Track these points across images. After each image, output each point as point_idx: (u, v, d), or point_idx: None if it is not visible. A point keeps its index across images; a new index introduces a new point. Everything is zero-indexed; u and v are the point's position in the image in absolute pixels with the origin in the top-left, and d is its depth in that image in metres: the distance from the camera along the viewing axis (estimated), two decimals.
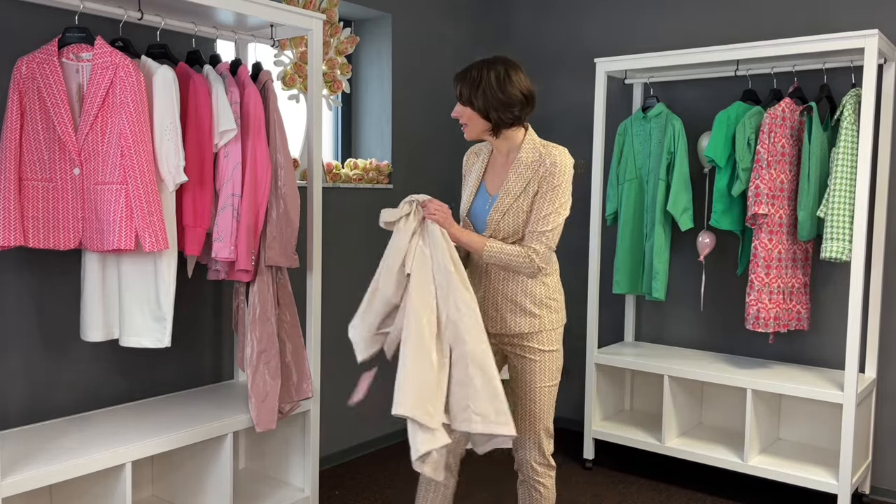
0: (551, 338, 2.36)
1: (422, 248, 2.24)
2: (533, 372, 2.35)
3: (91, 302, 2.52)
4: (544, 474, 2.41)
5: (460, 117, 2.32)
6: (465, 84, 2.27)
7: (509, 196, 2.29)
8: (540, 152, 2.30)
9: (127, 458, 2.39)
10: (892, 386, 3.41)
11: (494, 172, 2.38)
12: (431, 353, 2.15)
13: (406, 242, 2.24)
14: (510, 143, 2.34)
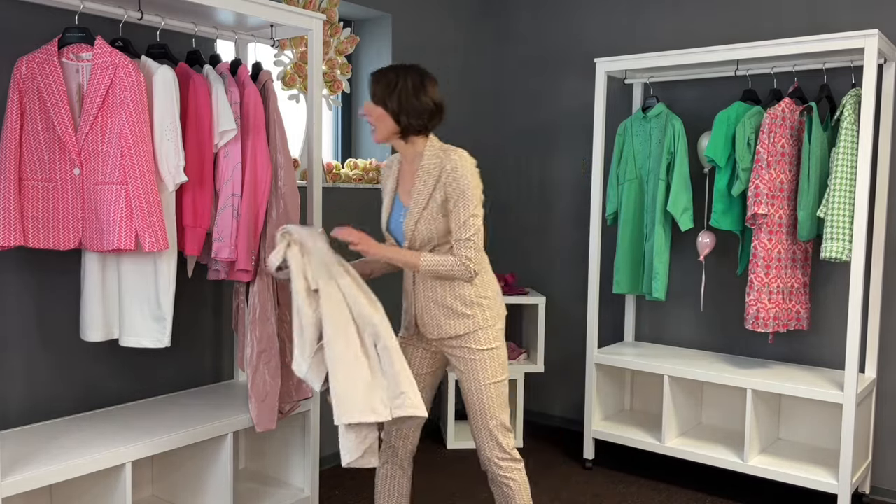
0: (488, 336, 2.39)
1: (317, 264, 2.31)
2: (475, 371, 2.39)
3: (91, 302, 2.52)
4: (509, 468, 2.43)
5: (369, 116, 2.33)
6: (381, 85, 2.30)
7: (418, 205, 2.33)
8: (440, 157, 2.33)
9: (127, 458, 2.39)
10: (892, 386, 3.41)
11: (405, 183, 2.42)
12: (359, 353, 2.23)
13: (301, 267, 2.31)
14: (415, 149, 2.38)
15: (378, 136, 2.35)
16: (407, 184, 2.41)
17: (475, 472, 3.70)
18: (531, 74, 4.47)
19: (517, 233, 4.58)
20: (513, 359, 4.13)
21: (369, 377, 2.21)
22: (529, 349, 4.23)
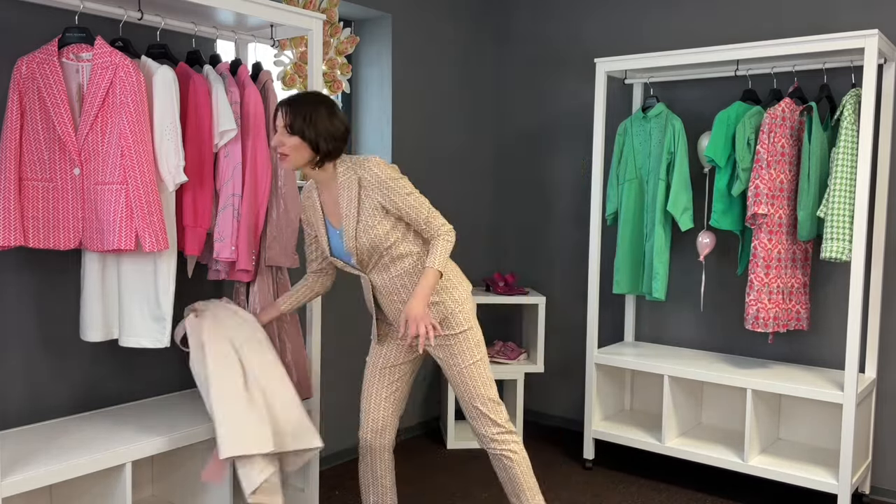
0: (459, 319, 2.47)
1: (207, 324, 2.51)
2: (454, 356, 2.48)
3: (91, 302, 2.52)
4: (505, 441, 2.50)
5: (282, 146, 2.33)
6: (299, 115, 2.30)
7: (350, 220, 2.38)
8: (353, 170, 2.38)
9: (127, 458, 2.39)
10: (892, 386, 3.41)
11: (329, 207, 2.46)
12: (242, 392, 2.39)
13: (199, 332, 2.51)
14: (326, 174, 2.41)
15: (291, 165, 2.36)
16: (330, 209, 2.45)
17: (475, 472, 3.70)
18: (531, 74, 4.47)
19: (517, 233, 4.58)
20: (513, 359, 4.13)
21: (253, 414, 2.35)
22: (529, 349, 4.23)
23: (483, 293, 4.12)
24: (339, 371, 3.79)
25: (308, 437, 2.48)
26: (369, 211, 2.36)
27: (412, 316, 2.28)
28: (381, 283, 2.45)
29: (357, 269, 2.47)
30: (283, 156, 2.35)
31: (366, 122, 4.08)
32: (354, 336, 3.86)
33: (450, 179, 4.38)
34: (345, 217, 2.38)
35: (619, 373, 3.99)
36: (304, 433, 2.48)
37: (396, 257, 2.42)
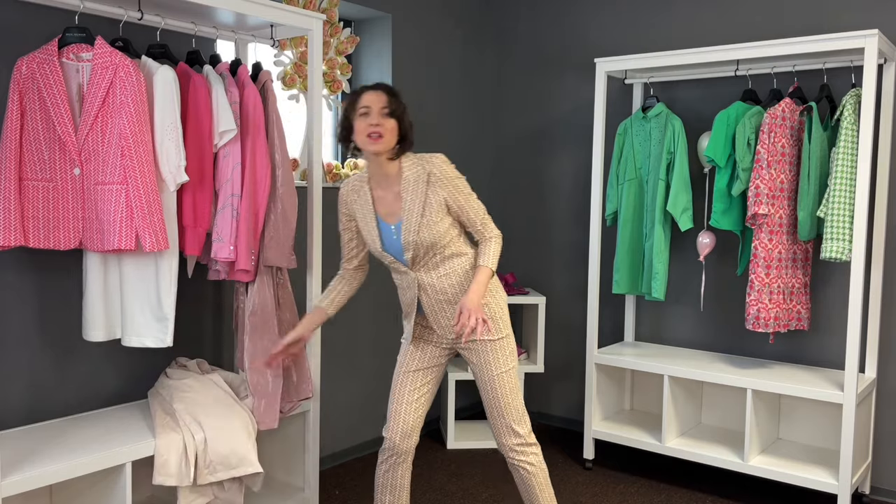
0: (500, 325, 2.47)
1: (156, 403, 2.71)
2: (488, 362, 2.46)
3: (93, 302, 2.52)
4: (525, 453, 2.49)
5: (381, 126, 2.33)
6: (397, 101, 2.37)
7: (413, 215, 2.37)
8: (420, 165, 2.40)
9: (127, 458, 2.39)
10: (892, 386, 3.41)
11: (383, 203, 2.44)
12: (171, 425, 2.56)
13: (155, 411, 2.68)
14: (386, 170, 2.41)
15: (383, 146, 2.34)
16: (386, 204, 2.43)
17: (475, 472, 3.70)
18: (531, 74, 4.47)
19: (517, 233, 4.58)
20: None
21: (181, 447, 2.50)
22: (529, 349, 4.23)
23: None
24: (338, 371, 3.79)
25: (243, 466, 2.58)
26: (434, 207, 2.38)
27: (469, 307, 2.27)
28: (429, 281, 2.43)
29: (406, 266, 2.44)
30: (378, 136, 2.32)
31: None
32: (354, 336, 3.86)
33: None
34: (406, 211, 2.37)
35: (619, 373, 3.99)
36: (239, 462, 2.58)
37: (448, 256, 2.43)
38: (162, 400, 2.69)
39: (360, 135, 2.34)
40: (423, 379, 2.55)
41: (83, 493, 2.53)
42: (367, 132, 2.32)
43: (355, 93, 2.38)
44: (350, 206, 2.50)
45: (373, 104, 2.34)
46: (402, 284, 2.48)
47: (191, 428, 2.53)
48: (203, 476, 2.51)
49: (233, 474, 2.56)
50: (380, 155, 2.37)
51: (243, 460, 2.57)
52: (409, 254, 2.40)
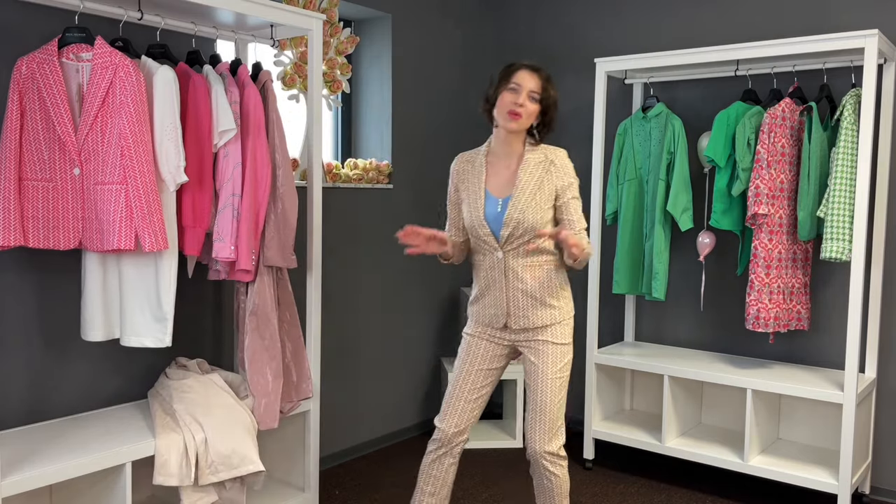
0: (565, 331, 2.49)
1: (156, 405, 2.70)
2: (546, 364, 2.46)
3: (92, 302, 2.52)
4: (555, 463, 2.48)
5: (523, 108, 2.37)
6: (549, 88, 2.41)
7: (525, 194, 2.41)
8: (545, 153, 2.46)
9: (127, 458, 2.39)
10: (892, 386, 3.41)
11: (496, 177, 2.48)
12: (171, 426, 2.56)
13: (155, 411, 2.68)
14: (516, 145, 2.47)
15: (518, 126, 2.40)
16: (499, 179, 2.47)
17: (475, 472, 3.70)
18: None
19: None
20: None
21: (181, 447, 2.49)
22: None
23: None
24: (338, 371, 3.79)
25: (245, 465, 2.58)
26: (546, 194, 2.42)
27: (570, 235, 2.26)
28: (513, 265, 2.44)
29: (498, 243, 2.45)
30: (518, 116, 2.37)
31: (366, 122, 4.08)
32: (354, 336, 3.86)
33: (449, 179, 4.37)
34: (519, 190, 2.41)
35: (619, 373, 3.99)
36: (241, 461, 2.58)
37: (537, 249, 2.43)
38: (162, 400, 2.69)
39: (501, 108, 2.39)
40: (485, 380, 2.55)
41: (83, 493, 2.53)
42: (508, 108, 2.37)
43: (512, 65, 2.42)
44: (460, 176, 2.54)
45: (524, 83, 2.38)
46: (484, 265, 2.49)
47: (191, 428, 2.53)
48: (205, 476, 2.51)
49: (235, 474, 2.55)
50: (511, 133, 2.43)
51: (245, 459, 2.57)
52: (507, 230, 2.41)
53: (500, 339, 2.54)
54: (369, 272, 3.92)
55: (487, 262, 2.49)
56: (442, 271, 4.37)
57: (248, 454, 2.58)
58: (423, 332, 4.28)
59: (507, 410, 4.30)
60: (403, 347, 4.15)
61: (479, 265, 2.52)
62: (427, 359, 4.32)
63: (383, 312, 4.02)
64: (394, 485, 3.54)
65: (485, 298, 2.51)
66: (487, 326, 2.54)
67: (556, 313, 2.48)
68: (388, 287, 4.03)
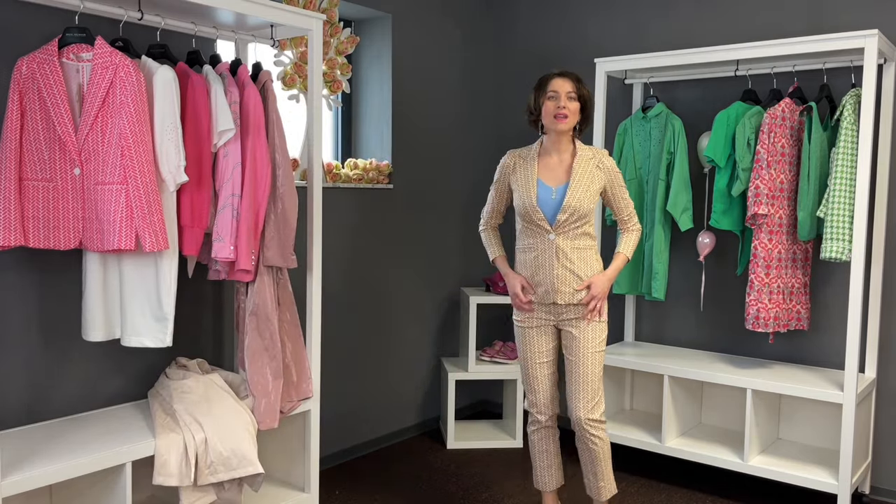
0: (603, 309, 2.83)
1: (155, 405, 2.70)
2: (588, 339, 2.80)
3: (92, 302, 2.52)
4: (597, 428, 2.82)
5: (566, 109, 2.74)
6: (581, 85, 2.79)
7: (581, 185, 2.77)
8: (593, 153, 2.84)
9: (127, 458, 2.39)
10: (892, 386, 3.41)
11: (550, 170, 2.83)
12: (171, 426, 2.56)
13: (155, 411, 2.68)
14: (567, 143, 2.84)
15: (566, 127, 2.77)
16: (553, 171, 2.83)
17: (475, 472, 3.70)
18: (531, 74, 4.47)
19: None
20: (512, 358, 4.13)
21: (181, 447, 2.50)
22: None
23: (483, 293, 4.12)
24: (338, 371, 3.79)
25: (244, 466, 2.58)
26: (597, 186, 2.80)
27: (599, 291, 2.78)
28: (564, 247, 2.78)
29: (551, 226, 2.78)
30: (564, 117, 2.74)
31: (366, 122, 4.08)
32: (354, 336, 3.86)
33: (450, 179, 4.38)
34: (576, 180, 2.77)
35: (619, 373, 3.99)
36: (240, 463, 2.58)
37: (582, 234, 2.80)
38: (162, 400, 2.69)
39: (547, 115, 2.77)
40: (550, 357, 2.91)
41: (83, 493, 2.53)
42: (554, 113, 2.75)
43: (545, 78, 2.80)
44: (511, 168, 2.89)
45: (560, 89, 2.75)
46: (535, 247, 2.82)
47: (191, 428, 2.53)
48: (204, 476, 2.51)
49: (234, 475, 2.55)
50: (562, 133, 2.79)
51: (244, 460, 2.57)
52: (563, 215, 2.75)
53: (546, 321, 2.86)
54: (369, 272, 3.92)
55: (541, 245, 2.81)
56: (442, 271, 4.37)
57: (247, 455, 2.58)
58: (423, 332, 4.28)
59: (507, 410, 4.30)
60: (403, 347, 4.15)
61: (528, 248, 2.84)
62: (427, 359, 4.32)
63: (383, 312, 4.02)
64: (394, 485, 3.54)
65: (534, 279, 2.83)
66: (537, 306, 2.85)
67: None
68: (388, 287, 4.03)
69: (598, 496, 2.91)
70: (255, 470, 2.58)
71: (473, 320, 4.03)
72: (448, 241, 4.40)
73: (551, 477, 3.01)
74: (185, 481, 2.47)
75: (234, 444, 2.56)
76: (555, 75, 2.78)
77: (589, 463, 2.88)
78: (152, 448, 2.45)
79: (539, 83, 2.81)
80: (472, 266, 4.59)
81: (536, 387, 2.91)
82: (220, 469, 2.53)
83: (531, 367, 2.91)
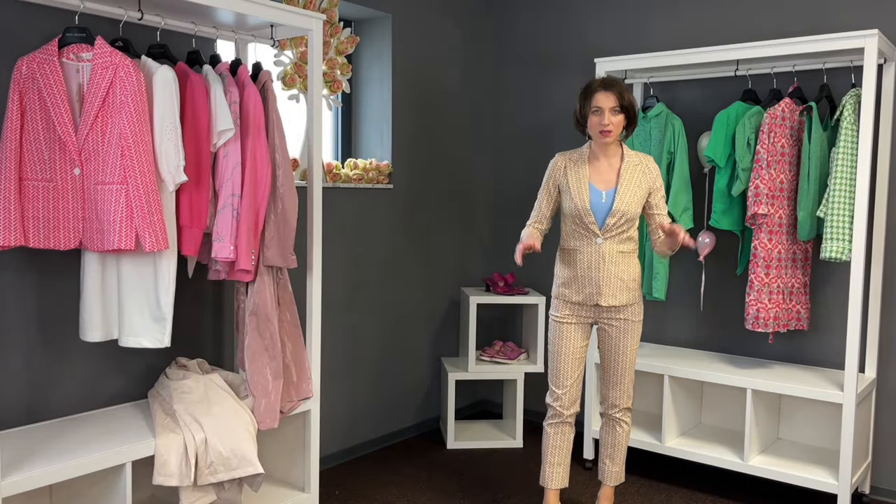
0: (640, 310, 2.98)
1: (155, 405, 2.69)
2: (627, 337, 2.94)
3: (90, 302, 2.52)
4: (627, 415, 3.06)
5: (610, 125, 2.81)
6: (624, 97, 2.81)
7: (629, 189, 2.86)
8: (640, 159, 2.93)
9: (127, 458, 2.39)
10: (892, 386, 3.41)
11: (600, 174, 2.91)
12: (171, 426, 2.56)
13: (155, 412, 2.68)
14: (614, 149, 2.91)
15: (611, 140, 2.86)
16: (603, 176, 2.90)
17: (475, 472, 3.70)
18: (531, 74, 4.47)
19: (517, 233, 4.58)
20: (512, 358, 4.13)
21: (181, 447, 2.50)
22: (529, 349, 4.23)
23: (483, 293, 4.12)
24: (338, 371, 3.79)
25: (244, 466, 2.58)
26: (643, 190, 2.89)
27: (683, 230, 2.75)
28: (609, 250, 2.87)
29: (599, 230, 2.86)
30: (607, 133, 2.82)
31: (366, 122, 4.08)
32: (354, 336, 3.86)
33: (449, 179, 4.38)
34: (625, 184, 2.86)
35: None
36: (240, 463, 2.57)
37: (627, 238, 2.89)
38: (162, 400, 2.69)
39: (593, 129, 2.86)
40: (581, 355, 2.99)
41: (83, 493, 2.53)
42: (599, 129, 2.83)
43: (589, 89, 2.85)
44: (563, 171, 2.95)
45: (604, 104, 2.81)
46: (582, 249, 2.90)
47: (191, 428, 2.53)
48: (204, 477, 2.51)
49: (233, 475, 2.55)
50: (608, 145, 2.89)
51: (244, 461, 2.57)
52: (613, 219, 2.84)
53: (585, 318, 2.96)
54: (369, 272, 3.92)
55: (588, 248, 2.89)
56: (442, 271, 4.37)
57: (247, 455, 2.58)
58: (423, 332, 4.28)
59: (507, 410, 4.30)
60: (403, 347, 4.15)
61: (575, 250, 2.92)
62: (427, 359, 4.32)
63: (383, 312, 4.02)
64: (394, 485, 3.54)
65: (579, 281, 2.92)
66: (578, 306, 2.95)
67: (637, 295, 2.95)
68: (388, 287, 4.03)
69: (609, 481, 3.11)
70: (254, 470, 2.58)
71: (473, 320, 4.03)
72: (448, 241, 4.40)
73: (559, 475, 3.05)
74: (185, 481, 2.47)
75: (234, 445, 2.56)
76: (599, 88, 2.82)
77: (610, 446, 3.08)
78: (152, 448, 2.45)
79: (584, 93, 2.87)
80: (472, 266, 4.59)
81: (565, 382, 2.97)
82: (220, 469, 2.53)
83: (563, 363, 2.97)
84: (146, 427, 2.58)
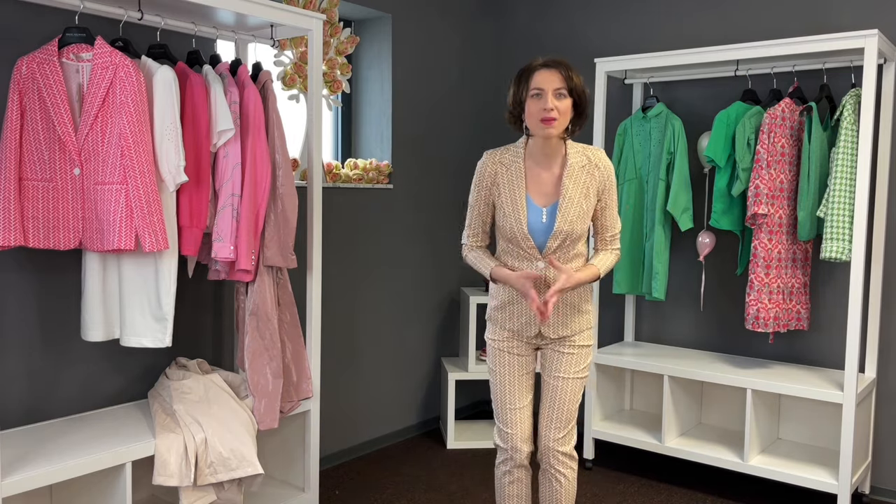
0: (590, 335, 2.45)
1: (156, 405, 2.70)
2: (569, 364, 2.41)
3: (92, 302, 2.52)
4: (565, 464, 2.44)
5: (554, 111, 2.20)
6: (572, 76, 2.22)
7: (573, 204, 2.29)
8: (586, 156, 2.32)
9: (127, 458, 2.39)
10: (892, 386, 3.41)
11: (538, 185, 2.33)
12: (171, 426, 2.56)
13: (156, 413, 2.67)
14: (557, 148, 2.31)
15: (556, 131, 2.23)
16: (540, 186, 2.32)
17: (475, 472, 3.70)
18: None
19: None
20: None
21: (181, 448, 2.49)
22: None
23: (483, 293, 4.12)
24: (338, 371, 3.79)
25: (244, 466, 2.57)
26: (591, 199, 2.31)
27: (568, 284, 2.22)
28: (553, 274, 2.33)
29: (539, 253, 2.33)
30: (551, 120, 2.20)
31: (366, 122, 4.08)
32: (354, 336, 3.86)
33: (449, 179, 4.38)
34: (567, 199, 2.28)
35: (619, 373, 3.99)
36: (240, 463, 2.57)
37: (574, 255, 2.35)
38: (162, 401, 2.69)
39: (531, 118, 2.23)
40: (528, 383, 2.49)
41: (83, 493, 2.53)
42: (539, 116, 2.21)
43: (527, 70, 2.25)
44: (493, 179, 2.36)
45: (546, 85, 2.20)
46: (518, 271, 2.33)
47: (191, 428, 2.53)
48: (204, 477, 2.51)
49: (233, 475, 2.55)
50: (551, 137, 2.26)
51: (243, 461, 2.57)
52: (556, 241, 2.30)
53: (528, 343, 2.45)
54: (369, 272, 3.92)
55: (527, 268, 2.35)
56: (442, 271, 4.37)
57: (247, 455, 2.58)
58: (423, 332, 4.28)
59: None
60: (403, 347, 4.15)
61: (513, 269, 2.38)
62: (427, 359, 4.32)
63: (383, 312, 4.02)
64: (394, 485, 3.54)
65: (515, 306, 2.40)
66: (515, 333, 2.44)
67: (588, 318, 2.43)
68: (388, 287, 4.03)
69: None
70: (254, 470, 2.58)
71: (473, 320, 4.03)
72: (448, 241, 4.40)
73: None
74: (184, 481, 2.47)
75: (234, 445, 2.56)
76: (539, 66, 2.23)
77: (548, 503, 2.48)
78: (152, 448, 2.45)
79: (519, 75, 2.27)
80: (471, 267, 4.58)
81: (513, 418, 2.45)
82: (220, 469, 2.53)
83: (507, 394, 2.45)
84: (146, 427, 2.58)
